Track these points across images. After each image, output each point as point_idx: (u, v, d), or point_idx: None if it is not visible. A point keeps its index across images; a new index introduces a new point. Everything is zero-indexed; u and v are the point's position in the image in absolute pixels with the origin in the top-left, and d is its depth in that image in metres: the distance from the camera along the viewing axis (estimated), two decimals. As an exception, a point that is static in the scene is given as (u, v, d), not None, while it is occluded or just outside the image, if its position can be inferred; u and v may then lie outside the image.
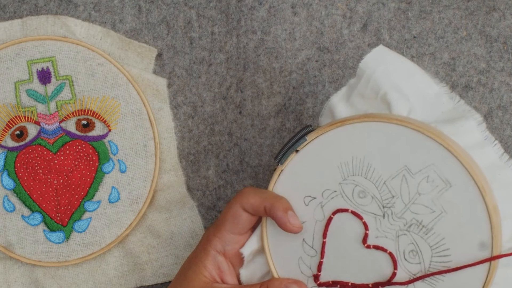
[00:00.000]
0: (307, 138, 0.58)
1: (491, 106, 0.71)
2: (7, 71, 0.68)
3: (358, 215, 0.58)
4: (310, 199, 0.59)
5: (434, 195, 0.56)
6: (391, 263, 0.57)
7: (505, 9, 0.71)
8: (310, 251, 0.59)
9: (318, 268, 0.59)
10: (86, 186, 0.69)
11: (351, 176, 0.58)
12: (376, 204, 0.57)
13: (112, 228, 0.69)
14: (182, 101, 0.71)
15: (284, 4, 0.71)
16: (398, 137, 0.56)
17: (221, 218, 0.60)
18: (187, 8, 0.71)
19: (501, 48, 0.71)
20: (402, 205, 0.57)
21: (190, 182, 0.71)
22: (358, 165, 0.57)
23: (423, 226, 0.56)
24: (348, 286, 0.58)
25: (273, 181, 0.60)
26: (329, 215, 0.58)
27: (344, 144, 0.58)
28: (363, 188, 0.58)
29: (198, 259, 0.60)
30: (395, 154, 0.56)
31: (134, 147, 0.69)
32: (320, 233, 0.59)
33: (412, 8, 0.71)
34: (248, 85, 0.71)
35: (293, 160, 0.59)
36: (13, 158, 0.68)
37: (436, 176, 0.56)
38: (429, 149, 0.56)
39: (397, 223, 0.57)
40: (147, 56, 0.70)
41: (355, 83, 0.61)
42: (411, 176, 0.56)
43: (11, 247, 0.68)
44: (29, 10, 0.70)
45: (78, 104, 0.68)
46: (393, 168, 0.57)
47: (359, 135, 0.57)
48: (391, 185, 0.57)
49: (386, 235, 0.57)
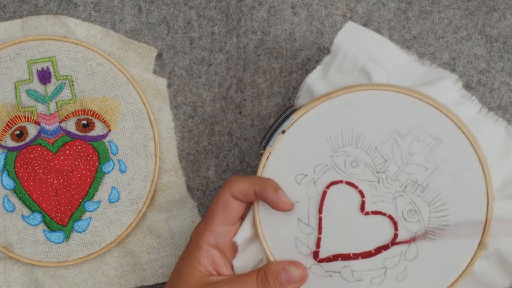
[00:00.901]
0: (293, 117, 0.59)
1: (491, 106, 0.71)
2: (7, 71, 0.68)
3: (353, 184, 0.59)
4: (302, 177, 0.59)
5: (426, 153, 0.58)
6: (392, 225, 0.58)
7: (505, 9, 0.71)
8: (307, 229, 0.59)
9: (317, 245, 0.59)
10: (86, 186, 0.69)
11: (342, 148, 0.58)
12: (369, 171, 0.58)
13: (112, 228, 0.69)
14: (182, 101, 0.71)
15: (284, 4, 0.71)
16: (384, 102, 0.58)
17: (211, 211, 0.60)
18: (187, 8, 0.71)
19: (501, 48, 0.71)
20: (395, 168, 0.58)
21: (190, 182, 0.71)
22: (347, 136, 0.58)
23: (419, 185, 0.58)
24: (350, 257, 0.59)
25: (261, 165, 0.60)
26: (323, 189, 0.59)
27: (332, 117, 0.58)
28: (355, 158, 0.58)
29: (191, 256, 0.59)
30: (384, 120, 0.58)
31: (134, 147, 0.69)
32: (315, 210, 0.59)
33: (412, 8, 0.71)
34: (248, 85, 0.71)
35: (280, 141, 0.59)
36: (13, 158, 0.68)
37: (426, 134, 0.58)
38: (416, 109, 0.58)
39: (392, 186, 0.58)
40: (147, 56, 0.71)
41: (331, 60, 0.63)
42: (401, 138, 0.58)
43: (11, 247, 0.68)
44: (29, 10, 0.70)
45: (78, 104, 0.68)
46: (383, 133, 0.58)
47: (345, 107, 0.58)
48: (383, 150, 0.58)
49: (383, 199, 0.58)
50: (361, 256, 0.59)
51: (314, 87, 0.63)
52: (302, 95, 0.64)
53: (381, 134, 0.58)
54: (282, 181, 0.59)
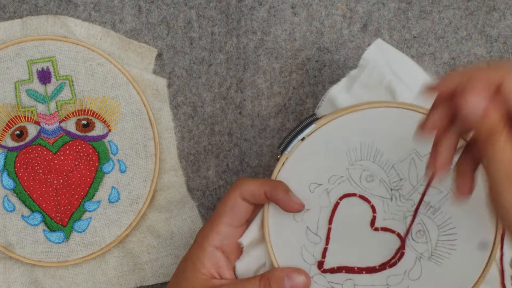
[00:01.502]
0: (315, 125, 0.59)
1: (491, 106, 0.71)
2: (7, 71, 0.68)
3: (366, 199, 0.59)
4: (316, 185, 0.59)
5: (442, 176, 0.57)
6: (399, 243, 0.58)
7: (505, 9, 0.71)
8: (315, 238, 0.59)
9: (323, 255, 0.59)
10: (86, 186, 0.69)
11: (359, 161, 0.58)
12: (384, 187, 0.58)
13: (112, 228, 0.69)
14: (182, 101, 0.71)
15: (284, 4, 0.71)
16: (407, 121, 0.58)
17: (218, 212, 0.59)
18: (187, 8, 0.71)
19: (501, 48, 0.71)
20: (410, 187, 0.58)
21: (190, 182, 0.71)
22: (366, 150, 0.58)
23: (431, 207, 0.58)
24: (354, 270, 0.59)
25: (277, 169, 0.60)
26: (335, 200, 0.59)
27: (353, 130, 0.58)
28: (371, 172, 0.58)
29: (195, 257, 0.59)
30: (404, 138, 0.58)
31: (134, 147, 0.69)
32: (325, 220, 0.59)
33: (412, 8, 0.71)
34: (248, 85, 0.71)
35: (299, 148, 0.59)
36: (13, 158, 0.68)
37: None
38: None
39: (404, 204, 0.58)
40: (147, 56, 0.71)
41: (357, 73, 0.63)
42: (419, 159, 0.58)
43: (11, 247, 0.68)
44: (29, 10, 0.70)
45: (78, 104, 0.68)
46: (401, 151, 0.58)
47: (368, 121, 0.58)
48: (399, 168, 0.58)
49: (393, 217, 0.58)
50: (365, 271, 0.59)
51: (338, 99, 0.63)
52: (324, 105, 0.64)
53: (400, 152, 0.58)
54: (295, 188, 0.59)
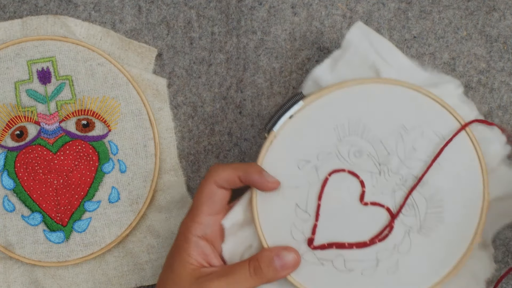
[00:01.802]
0: (302, 102, 0.59)
1: (491, 106, 0.71)
2: (7, 71, 0.68)
3: (355, 174, 0.59)
4: (304, 163, 0.59)
5: (429, 149, 0.59)
6: (388, 217, 0.59)
7: (505, 9, 0.71)
8: (304, 215, 0.59)
9: (313, 231, 0.59)
10: (86, 186, 0.69)
11: (347, 137, 0.59)
12: (372, 162, 0.59)
13: (112, 228, 0.69)
14: (182, 101, 0.71)
15: (284, 4, 0.71)
16: (394, 97, 0.59)
17: (196, 202, 0.60)
18: (187, 8, 0.71)
19: (501, 48, 0.71)
20: (397, 161, 0.59)
21: (190, 182, 0.71)
22: (354, 126, 0.59)
23: (417, 178, 0.59)
24: (344, 245, 0.59)
25: (265, 148, 0.60)
26: (324, 177, 0.59)
27: (340, 107, 0.59)
28: (359, 148, 0.59)
29: (181, 249, 0.59)
30: (391, 113, 0.59)
31: (134, 147, 0.69)
32: (314, 197, 0.59)
33: (412, 8, 0.71)
34: (248, 85, 0.71)
35: (286, 126, 0.60)
36: (13, 158, 0.68)
37: (431, 131, 0.59)
38: (424, 107, 0.59)
39: (393, 178, 0.59)
40: (147, 56, 0.71)
41: (341, 54, 0.63)
42: (406, 133, 0.59)
43: (11, 247, 0.68)
44: (29, 10, 0.70)
45: (78, 104, 0.68)
46: (388, 126, 0.59)
47: (355, 98, 0.59)
48: (387, 142, 0.59)
49: (382, 191, 0.59)
50: (356, 246, 0.59)
51: (322, 79, 0.64)
52: (308, 86, 0.65)
53: (387, 127, 0.59)
54: (284, 166, 0.60)
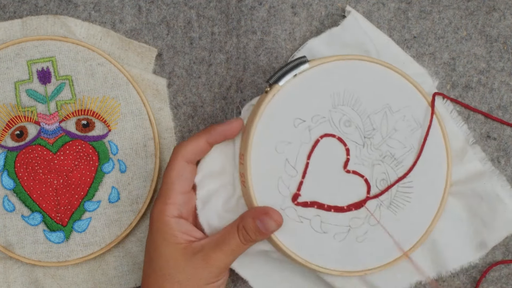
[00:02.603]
0: (308, 65, 0.62)
1: (491, 106, 0.71)
2: (7, 71, 0.68)
3: (343, 141, 0.63)
4: (300, 121, 0.63)
5: (407, 133, 0.64)
6: (365, 188, 0.64)
7: (505, 9, 0.71)
8: (292, 171, 0.62)
9: (298, 188, 0.63)
10: (86, 186, 0.69)
11: (341, 106, 0.63)
12: (358, 133, 0.64)
13: (112, 228, 0.69)
14: (182, 101, 0.71)
15: (284, 4, 0.71)
16: (386, 78, 0.64)
17: (167, 183, 0.60)
18: (187, 8, 0.71)
19: (501, 48, 0.71)
20: (380, 138, 0.64)
21: (190, 182, 0.71)
22: (348, 97, 0.63)
23: (395, 159, 0.64)
24: (324, 207, 0.63)
25: (266, 101, 0.62)
26: (316, 138, 0.63)
27: (339, 76, 0.63)
28: (349, 118, 0.63)
29: (163, 233, 0.60)
30: (381, 92, 0.64)
31: (134, 147, 0.69)
32: (304, 155, 0.63)
33: (412, 8, 0.71)
34: (248, 85, 0.71)
35: (289, 83, 0.63)
36: (13, 158, 0.68)
37: (411, 116, 0.64)
38: (408, 92, 0.65)
39: (374, 153, 0.64)
40: (147, 56, 0.71)
41: (339, 32, 0.68)
42: (391, 114, 0.64)
43: (11, 247, 0.68)
44: (29, 10, 0.70)
45: (78, 104, 0.68)
46: (377, 104, 0.64)
47: (353, 71, 0.63)
48: (374, 118, 0.64)
49: (363, 162, 0.64)
50: (334, 209, 0.63)
51: (318, 50, 0.68)
52: (301, 53, 0.69)
53: (376, 104, 0.64)
54: (280, 121, 0.62)
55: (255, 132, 0.62)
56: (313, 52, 0.68)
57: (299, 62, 0.62)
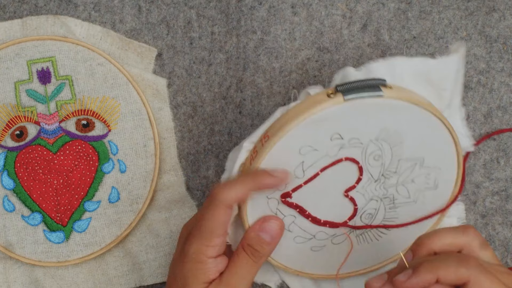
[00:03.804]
0: (383, 93, 0.58)
1: (491, 106, 0.71)
2: (7, 71, 0.68)
3: (361, 171, 0.61)
4: (338, 137, 0.60)
5: (420, 188, 0.63)
6: (350, 214, 0.63)
7: (505, 9, 0.71)
8: (300, 173, 0.61)
9: (294, 189, 0.61)
10: (86, 186, 0.69)
11: (383, 141, 0.60)
12: (379, 170, 0.62)
13: (112, 228, 0.69)
14: (182, 101, 0.71)
15: (284, 4, 0.71)
16: (438, 135, 0.61)
17: (209, 227, 0.57)
18: (187, 8, 0.71)
19: (501, 49, 0.71)
20: (394, 181, 0.62)
21: (190, 182, 0.71)
22: (395, 137, 0.60)
23: (393, 203, 0.63)
24: (305, 213, 0.62)
25: (324, 106, 0.58)
26: (340, 157, 0.60)
27: (399, 115, 0.59)
28: (382, 155, 0.61)
29: (197, 273, 0.58)
30: (426, 146, 0.61)
31: (134, 147, 0.69)
32: (319, 166, 0.61)
33: (412, 8, 0.71)
34: (248, 85, 0.71)
35: (349, 100, 0.58)
36: (13, 158, 0.68)
37: (434, 178, 0.63)
38: (448, 157, 0.62)
39: (380, 191, 0.63)
40: (147, 56, 0.70)
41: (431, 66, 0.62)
42: (419, 167, 0.62)
43: (11, 247, 0.68)
44: (29, 10, 0.70)
45: (78, 104, 0.68)
46: (415, 154, 0.61)
47: (415, 117, 0.60)
48: (402, 164, 0.62)
49: (364, 194, 0.62)
50: (311, 219, 0.63)
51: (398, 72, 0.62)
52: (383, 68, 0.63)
53: (413, 154, 0.61)
54: (321, 128, 0.59)
55: (294, 126, 0.58)
56: (392, 71, 0.62)
57: (377, 84, 0.58)
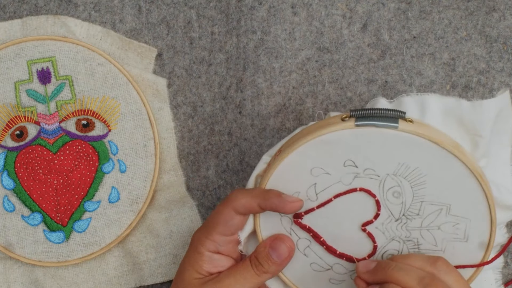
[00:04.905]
0: (399, 125, 0.56)
1: (491, 106, 0.71)
2: (7, 71, 0.68)
3: (379, 207, 0.58)
4: (352, 165, 0.57)
5: (447, 237, 0.58)
6: (369, 251, 0.60)
7: (505, 9, 0.71)
8: (313, 196, 0.59)
9: (307, 211, 0.60)
10: (86, 186, 0.69)
11: (402, 178, 0.57)
12: (400, 209, 0.58)
13: (112, 228, 0.69)
14: (182, 101, 0.71)
15: (284, 4, 0.71)
16: (458, 177, 0.57)
17: (212, 221, 0.60)
18: (187, 8, 0.71)
19: (501, 49, 0.71)
20: (418, 224, 0.58)
21: (190, 182, 0.71)
22: (415, 175, 0.57)
23: (418, 248, 0.59)
24: (319, 240, 0.60)
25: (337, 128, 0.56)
26: (355, 187, 0.58)
27: (421, 153, 0.56)
28: (402, 193, 0.58)
29: (193, 260, 0.60)
30: (453, 192, 0.57)
31: (134, 147, 0.69)
32: (332, 192, 0.58)
33: (412, 8, 0.71)
34: (248, 85, 0.71)
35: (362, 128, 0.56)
36: (13, 158, 0.68)
37: (464, 228, 0.58)
38: (477, 206, 0.57)
39: (402, 232, 0.59)
40: (147, 56, 0.70)
41: (466, 108, 0.60)
42: (445, 214, 0.58)
43: (11, 247, 0.68)
44: (29, 10, 0.70)
45: (78, 104, 0.68)
46: (440, 198, 0.57)
47: (439, 158, 0.56)
48: (425, 207, 0.58)
49: (384, 232, 0.59)
50: (326, 247, 0.60)
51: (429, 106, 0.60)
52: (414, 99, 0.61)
53: (438, 198, 0.57)
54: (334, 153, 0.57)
55: (302, 143, 0.57)
56: (423, 107, 0.60)
57: (395, 115, 0.56)
